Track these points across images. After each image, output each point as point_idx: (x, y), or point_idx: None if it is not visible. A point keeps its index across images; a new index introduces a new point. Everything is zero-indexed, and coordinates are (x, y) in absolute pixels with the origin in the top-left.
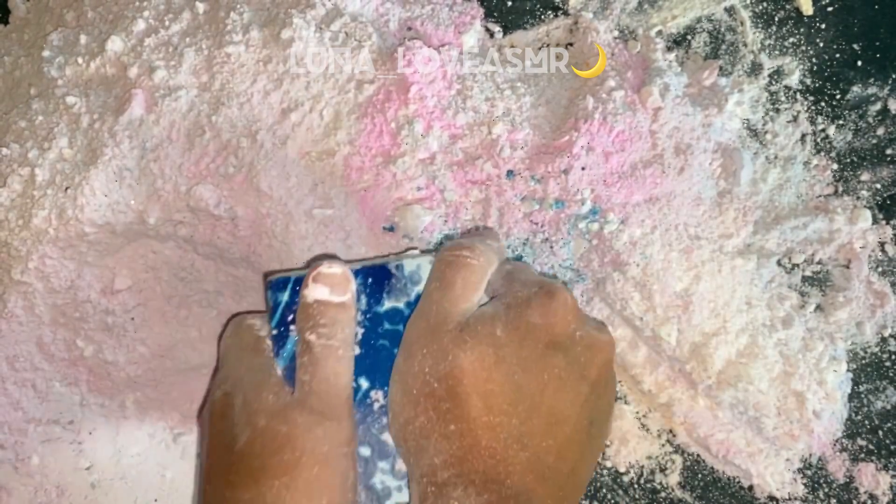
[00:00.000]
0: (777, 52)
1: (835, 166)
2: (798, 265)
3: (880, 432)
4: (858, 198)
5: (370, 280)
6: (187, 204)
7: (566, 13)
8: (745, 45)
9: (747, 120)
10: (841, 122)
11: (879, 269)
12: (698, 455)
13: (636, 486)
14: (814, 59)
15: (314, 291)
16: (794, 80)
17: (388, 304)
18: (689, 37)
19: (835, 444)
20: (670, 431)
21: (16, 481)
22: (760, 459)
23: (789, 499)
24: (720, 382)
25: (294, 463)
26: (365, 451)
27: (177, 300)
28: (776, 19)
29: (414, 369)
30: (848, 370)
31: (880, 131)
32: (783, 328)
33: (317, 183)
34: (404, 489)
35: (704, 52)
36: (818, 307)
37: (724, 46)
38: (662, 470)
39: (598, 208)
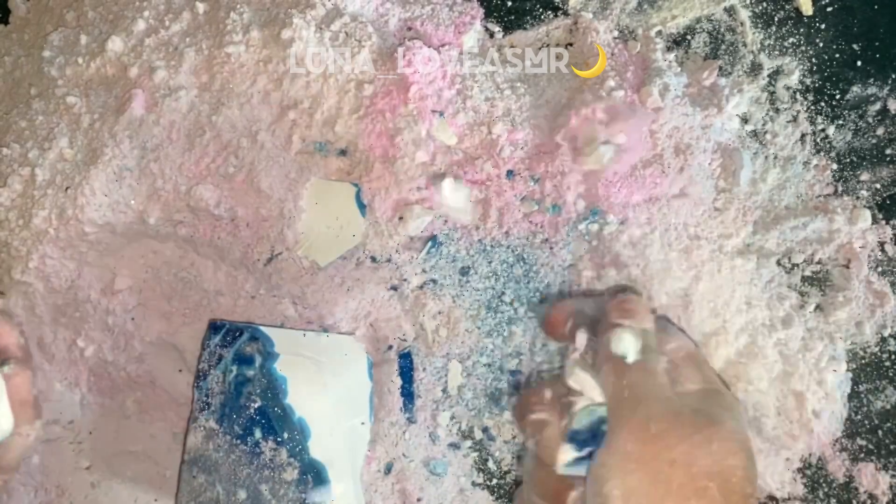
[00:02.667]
0: (777, 52)
1: (834, 166)
2: (798, 265)
3: (880, 432)
4: (858, 198)
5: (264, 338)
6: (187, 204)
7: (566, 13)
8: (745, 45)
9: (747, 120)
10: (841, 122)
11: (879, 269)
12: None
13: None
14: (814, 59)
15: None
16: (793, 80)
17: (290, 369)
18: (688, 37)
19: (834, 444)
20: None
21: (16, 481)
22: (760, 459)
23: (789, 498)
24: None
25: None
26: (241, 495)
27: (177, 300)
28: (776, 19)
29: (671, 458)
30: (847, 370)
31: (880, 131)
32: (783, 328)
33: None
34: None
35: (704, 52)
36: (818, 307)
37: (723, 46)
38: None
39: (597, 209)
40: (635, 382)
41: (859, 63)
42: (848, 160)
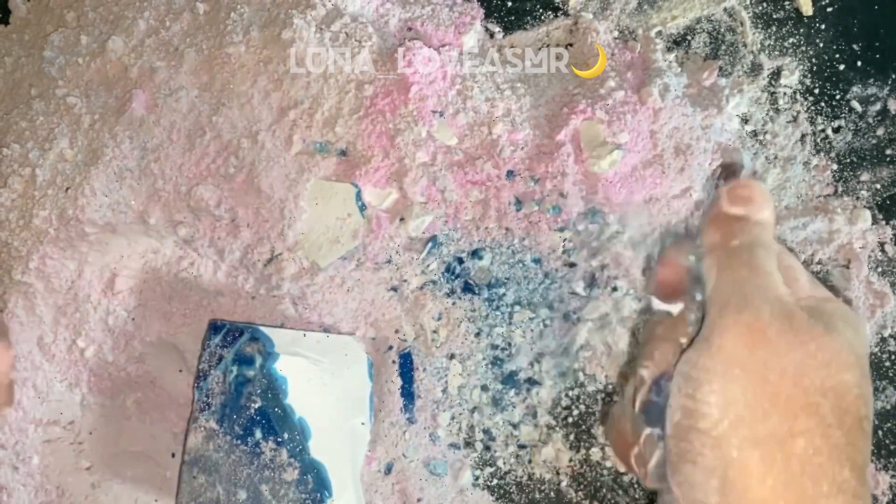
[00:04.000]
0: (777, 53)
1: (834, 166)
2: None
3: (880, 432)
4: (858, 198)
5: (266, 338)
6: (188, 204)
7: (566, 13)
8: (745, 45)
9: (747, 120)
10: (841, 122)
11: (879, 270)
12: None
13: (636, 486)
14: (814, 60)
15: None
16: (793, 80)
17: (290, 369)
18: (688, 37)
19: None
20: None
21: (16, 481)
22: None
23: None
24: None
25: None
26: (241, 495)
27: (177, 300)
28: (776, 19)
29: (780, 367)
30: None
31: (880, 131)
32: None
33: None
34: None
35: (704, 53)
36: None
37: (723, 47)
38: None
39: (597, 209)
40: (744, 278)
41: (859, 63)
42: (848, 160)
